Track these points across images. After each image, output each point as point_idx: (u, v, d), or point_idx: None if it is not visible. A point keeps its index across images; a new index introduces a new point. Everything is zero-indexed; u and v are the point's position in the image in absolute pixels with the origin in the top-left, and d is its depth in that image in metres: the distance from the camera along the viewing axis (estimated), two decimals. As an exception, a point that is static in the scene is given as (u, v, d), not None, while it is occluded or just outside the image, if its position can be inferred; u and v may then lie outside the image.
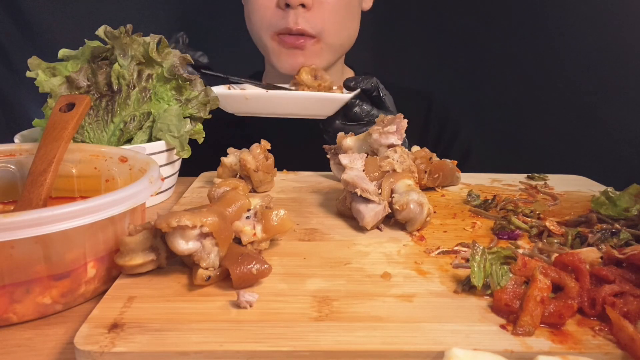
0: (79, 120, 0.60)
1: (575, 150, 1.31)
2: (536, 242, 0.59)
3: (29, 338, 0.43)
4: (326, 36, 1.02)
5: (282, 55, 1.03)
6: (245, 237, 0.52)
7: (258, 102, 0.85)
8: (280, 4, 0.99)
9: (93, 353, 0.38)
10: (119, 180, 0.61)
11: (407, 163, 0.67)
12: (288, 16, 0.98)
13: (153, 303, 0.45)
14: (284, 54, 1.02)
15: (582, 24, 1.27)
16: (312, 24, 0.99)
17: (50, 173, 0.55)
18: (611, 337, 0.41)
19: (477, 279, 0.46)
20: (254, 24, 1.05)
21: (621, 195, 0.63)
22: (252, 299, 0.44)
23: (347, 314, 0.43)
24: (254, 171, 0.74)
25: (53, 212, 0.41)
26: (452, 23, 1.37)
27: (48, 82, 0.70)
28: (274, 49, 1.03)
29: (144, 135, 0.74)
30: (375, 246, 0.58)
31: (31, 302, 0.44)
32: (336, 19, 1.02)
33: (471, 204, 0.73)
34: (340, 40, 1.06)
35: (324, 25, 1.00)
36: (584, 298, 0.44)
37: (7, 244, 0.41)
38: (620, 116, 1.28)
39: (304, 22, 0.98)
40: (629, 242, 0.56)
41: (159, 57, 0.74)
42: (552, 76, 1.31)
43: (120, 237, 0.49)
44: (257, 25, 1.04)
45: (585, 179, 0.88)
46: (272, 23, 1.01)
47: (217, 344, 0.39)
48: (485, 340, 0.40)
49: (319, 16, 1.00)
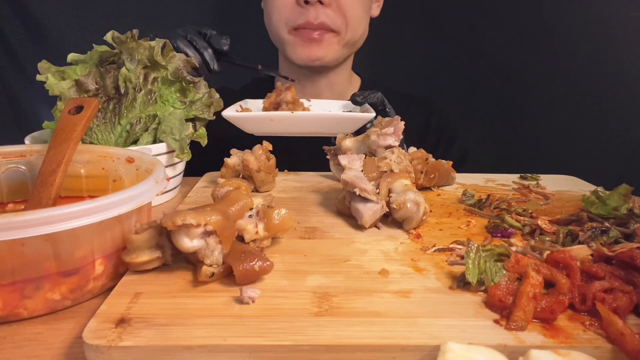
0: (87, 123, 0.60)
1: (566, 151, 1.32)
2: (529, 240, 0.59)
3: (39, 332, 0.44)
4: (345, 31, 1.06)
5: (297, 47, 1.07)
6: (248, 235, 0.53)
7: (282, 122, 0.85)
8: (300, 1, 1.03)
9: (101, 347, 0.38)
10: (125, 180, 0.62)
11: (404, 164, 0.68)
12: (308, 12, 1.03)
13: (159, 299, 0.45)
14: (300, 45, 1.07)
15: (574, 28, 1.28)
16: (332, 19, 1.04)
17: (59, 173, 0.56)
18: (601, 331, 0.41)
19: (471, 276, 0.47)
20: (273, 21, 1.08)
21: (611, 195, 0.64)
22: (255, 294, 0.45)
23: (346, 310, 0.44)
24: (256, 171, 0.75)
25: (62, 211, 0.42)
26: (449, 29, 1.38)
27: (57, 85, 0.71)
28: (290, 41, 1.08)
29: (150, 136, 0.75)
30: (373, 244, 0.59)
31: (41, 297, 0.45)
32: (354, 17, 1.07)
33: (466, 203, 0.74)
34: (357, 36, 1.10)
35: (344, 20, 1.05)
36: (574, 294, 0.45)
37: (18, 241, 0.42)
38: (610, 118, 1.29)
39: (324, 16, 1.03)
40: (618, 240, 0.57)
41: (163, 60, 0.76)
42: (545, 79, 1.33)
43: (127, 235, 0.49)
44: (276, 21, 1.07)
45: (576, 179, 0.89)
46: (291, 19, 1.05)
47: (221, 338, 0.39)
48: (479, 335, 0.41)
49: (338, 12, 1.05)
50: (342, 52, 1.10)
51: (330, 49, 1.07)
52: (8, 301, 0.43)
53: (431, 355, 0.39)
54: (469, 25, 1.36)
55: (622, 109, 1.28)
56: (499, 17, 1.34)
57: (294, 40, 1.07)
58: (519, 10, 1.32)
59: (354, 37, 1.09)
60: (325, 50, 1.07)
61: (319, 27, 1.04)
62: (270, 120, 0.84)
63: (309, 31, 1.05)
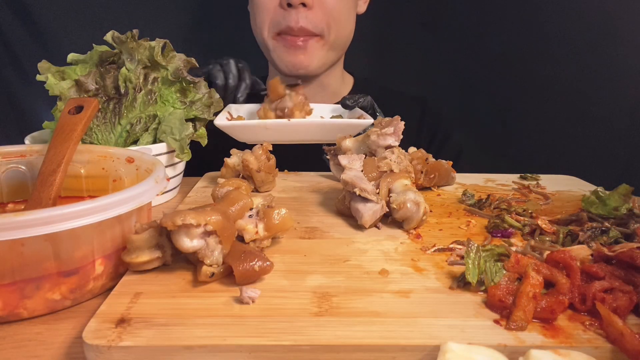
0: (87, 123, 0.60)
1: (566, 151, 1.32)
2: (529, 240, 0.59)
3: (38, 332, 0.44)
4: (329, 34, 1.03)
5: (283, 54, 1.04)
6: (248, 235, 0.53)
7: (278, 130, 0.82)
8: (282, 3, 1.00)
9: (101, 347, 0.38)
10: (125, 180, 0.62)
11: (404, 164, 0.68)
12: (290, 15, 1.00)
13: (159, 299, 0.45)
14: (285, 52, 1.04)
15: (572, 25, 1.28)
16: (314, 22, 1.01)
17: (59, 173, 0.56)
18: (601, 331, 0.41)
19: (471, 276, 0.47)
20: (257, 25, 1.06)
21: (611, 195, 0.64)
22: (255, 294, 0.45)
23: (346, 310, 0.44)
24: (256, 171, 0.75)
25: (62, 211, 0.42)
26: (445, 27, 1.38)
27: (57, 85, 0.71)
28: (275, 48, 1.05)
29: (150, 136, 0.75)
30: (373, 244, 0.59)
31: (41, 297, 0.45)
32: (338, 17, 1.04)
33: (466, 203, 0.74)
34: (342, 38, 1.08)
35: (326, 23, 1.02)
36: (574, 294, 0.45)
37: (18, 241, 0.42)
38: (611, 118, 1.29)
39: (305, 21, 1.00)
40: (618, 240, 0.57)
41: (163, 60, 0.76)
42: (545, 79, 1.32)
43: (127, 235, 0.49)
44: (260, 25, 1.05)
45: (576, 179, 0.89)
46: (274, 23, 1.03)
47: (221, 338, 0.39)
48: (479, 335, 0.41)
49: (320, 14, 1.01)
50: (328, 56, 1.07)
51: (315, 56, 1.04)
52: (8, 301, 0.43)
53: (431, 355, 0.39)
54: (467, 24, 1.36)
55: (622, 109, 1.28)
56: (499, 15, 1.34)
57: (278, 48, 1.05)
58: (518, 8, 1.32)
59: (339, 38, 1.07)
60: (309, 58, 1.04)
61: (300, 32, 1.01)
62: (265, 128, 0.82)
63: (293, 37, 1.02)
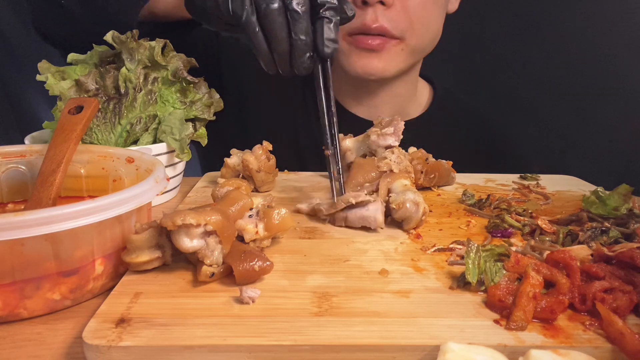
0: (87, 123, 0.60)
1: (566, 151, 1.32)
2: (529, 240, 0.59)
3: (38, 333, 0.44)
4: (410, 37, 0.90)
5: (352, 57, 0.91)
6: (248, 235, 0.53)
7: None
8: (357, 1, 0.87)
9: (101, 347, 0.38)
10: (125, 180, 0.62)
11: (404, 164, 0.68)
12: (366, 14, 0.87)
13: (159, 299, 0.45)
14: (355, 54, 0.90)
15: (573, 26, 1.28)
16: (394, 22, 0.88)
17: (59, 173, 0.56)
18: (601, 331, 0.41)
19: (471, 276, 0.47)
20: None
21: (611, 195, 0.64)
22: (255, 294, 0.45)
23: (346, 310, 0.44)
24: (256, 171, 0.75)
25: (62, 211, 0.42)
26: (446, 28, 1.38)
27: (57, 85, 0.71)
28: (344, 50, 0.91)
29: (150, 137, 0.75)
30: (373, 244, 0.59)
31: (41, 297, 0.44)
32: (422, 18, 0.90)
33: (466, 203, 0.74)
34: (425, 42, 0.94)
35: (409, 24, 0.89)
36: (574, 294, 0.45)
37: (18, 241, 0.41)
38: (611, 118, 1.29)
39: (385, 20, 0.87)
40: (618, 240, 0.57)
41: (164, 60, 0.76)
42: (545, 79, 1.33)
43: (127, 235, 0.49)
44: None
45: (576, 179, 0.89)
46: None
47: (221, 338, 0.39)
48: (479, 335, 0.41)
49: (402, 14, 0.88)
50: (407, 61, 0.93)
51: (392, 61, 0.90)
52: (8, 301, 0.43)
53: (431, 355, 0.39)
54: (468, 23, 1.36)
55: (622, 109, 1.28)
56: (500, 15, 1.34)
57: (348, 48, 0.91)
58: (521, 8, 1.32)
59: (422, 42, 0.93)
60: (385, 63, 0.90)
61: (378, 33, 0.87)
62: None
63: (367, 38, 0.87)
